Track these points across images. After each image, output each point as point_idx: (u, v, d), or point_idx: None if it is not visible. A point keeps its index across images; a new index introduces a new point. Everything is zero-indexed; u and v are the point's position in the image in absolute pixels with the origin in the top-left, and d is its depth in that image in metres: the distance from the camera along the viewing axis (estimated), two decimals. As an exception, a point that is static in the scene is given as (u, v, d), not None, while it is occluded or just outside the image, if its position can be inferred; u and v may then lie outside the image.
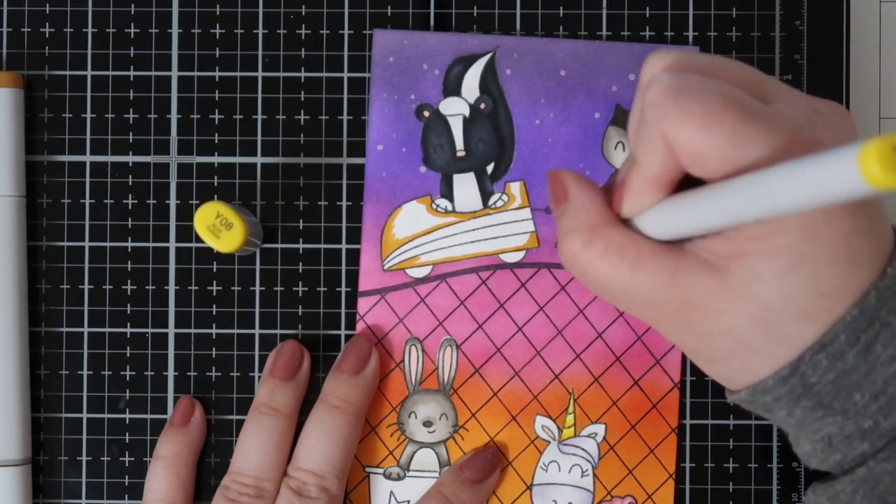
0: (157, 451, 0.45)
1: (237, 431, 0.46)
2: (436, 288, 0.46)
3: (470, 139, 0.46)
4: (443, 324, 0.46)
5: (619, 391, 0.46)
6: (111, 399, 0.46)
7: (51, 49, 0.47)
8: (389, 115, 0.46)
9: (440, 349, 0.46)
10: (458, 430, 0.46)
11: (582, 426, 0.46)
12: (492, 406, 0.46)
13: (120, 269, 0.47)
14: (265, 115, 0.47)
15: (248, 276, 0.47)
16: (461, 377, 0.46)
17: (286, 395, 0.44)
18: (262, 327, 0.47)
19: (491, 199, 0.46)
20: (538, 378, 0.46)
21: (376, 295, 0.46)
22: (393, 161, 0.46)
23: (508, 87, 0.46)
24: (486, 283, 0.46)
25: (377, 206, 0.46)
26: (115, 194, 0.47)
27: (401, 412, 0.46)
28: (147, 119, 0.47)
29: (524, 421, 0.46)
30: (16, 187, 0.45)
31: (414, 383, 0.46)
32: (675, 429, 0.46)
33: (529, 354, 0.46)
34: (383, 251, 0.46)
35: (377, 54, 0.46)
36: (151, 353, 0.46)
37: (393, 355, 0.46)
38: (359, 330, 0.46)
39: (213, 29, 0.47)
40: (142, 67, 0.47)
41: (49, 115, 0.47)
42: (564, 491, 0.46)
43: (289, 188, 0.47)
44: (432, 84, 0.46)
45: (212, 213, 0.41)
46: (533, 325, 0.46)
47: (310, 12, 0.47)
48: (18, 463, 0.45)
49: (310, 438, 0.43)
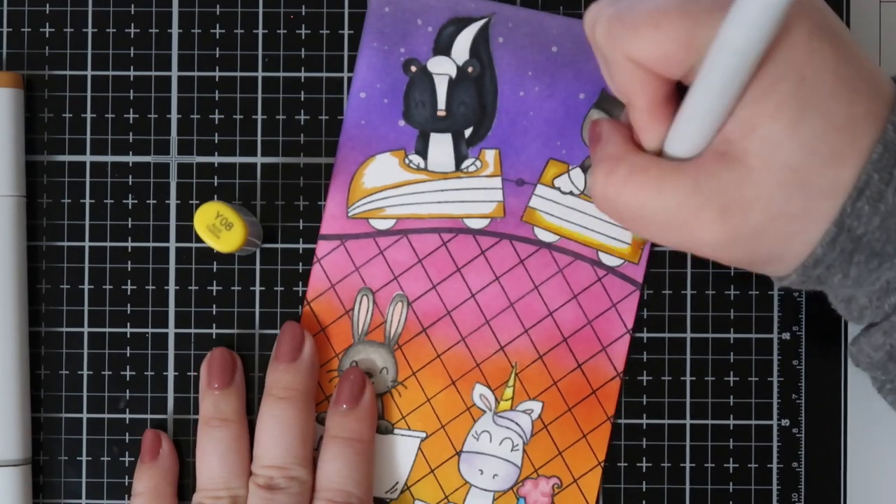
0: (134, 489, 0.45)
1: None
2: (396, 242, 0.46)
3: (453, 100, 0.46)
4: (398, 279, 0.46)
5: (562, 372, 0.46)
6: (111, 399, 0.46)
7: (51, 49, 0.47)
8: (376, 65, 0.46)
9: (391, 303, 0.46)
10: (397, 386, 0.46)
11: (519, 401, 0.46)
12: (433, 367, 0.46)
13: (120, 269, 0.47)
14: (265, 115, 0.47)
15: (248, 276, 0.47)
16: (408, 334, 0.46)
17: (229, 402, 0.44)
18: (262, 327, 0.47)
19: (464, 163, 0.46)
20: (483, 347, 0.46)
21: (336, 240, 0.46)
22: (373, 110, 0.46)
23: (498, 56, 0.46)
24: (446, 244, 0.46)
25: (351, 152, 0.46)
26: (115, 194, 0.47)
27: (343, 359, 0.46)
28: (147, 119, 0.47)
29: (463, 387, 0.46)
30: (16, 187, 0.45)
31: (360, 333, 0.46)
32: (610, 417, 0.46)
33: (478, 322, 0.46)
34: (350, 198, 0.46)
35: (373, 2, 0.46)
36: (151, 353, 0.46)
37: (344, 302, 0.46)
38: (313, 273, 0.46)
39: (213, 29, 0.47)
40: (142, 67, 0.47)
41: (49, 115, 0.47)
42: (492, 462, 0.46)
43: (289, 188, 0.47)
44: (423, 40, 0.46)
45: (212, 213, 0.41)
46: (486, 293, 0.46)
47: (310, 12, 0.47)
48: (18, 463, 0.45)
49: (265, 435, 0.43)
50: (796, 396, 0.46)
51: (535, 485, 0.46)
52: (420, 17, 0.46)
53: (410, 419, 0.46)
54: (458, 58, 0.46)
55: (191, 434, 0.46)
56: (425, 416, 0.46)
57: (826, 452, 0.46)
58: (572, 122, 0.46)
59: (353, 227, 0.46)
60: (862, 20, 0.47)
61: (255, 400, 0.46)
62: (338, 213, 0.46)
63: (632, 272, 0.46)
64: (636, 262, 0.46)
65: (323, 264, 0.46)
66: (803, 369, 0.46)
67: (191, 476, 0.46)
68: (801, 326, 0.46)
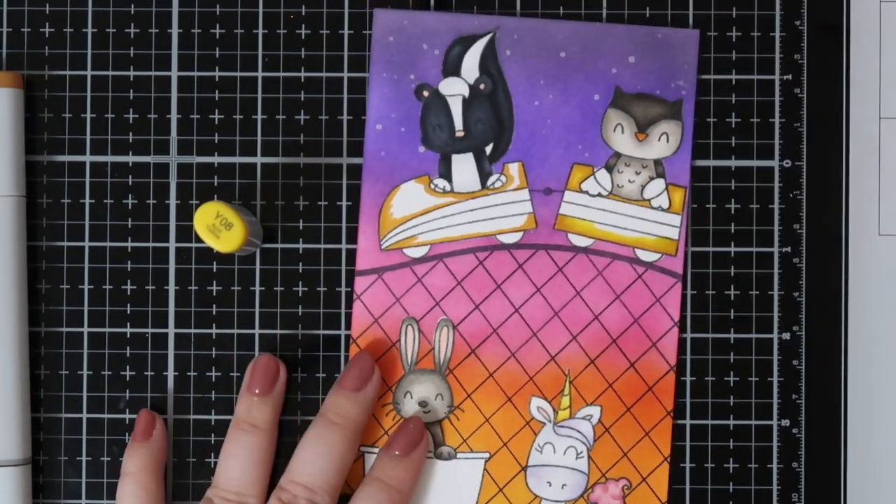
0: (124, 468, 0.45)
1: (237, 431, 0.46)
2: (433, 268, 0.46)
3: (469, 119, 0.46)
4: (439, 304, 0.46)
5: (615, 373, 0.46)
6: (111, 399, 0.46)
7: (51, 49, 0.47)
8: (389, 95, 0.46)
9: (437, 329, 0.46)
10: (454, 411, 0.46)
11: (577, 408, 0.46)
12: (487, 387, 0.46)
13: (120, 269, 0.47)
14: (265, 115, 0.47)
15: (248, 276, 0.47)
16: (457, 357, 0.46)
17: (263, 411, 0.44)
18: (262, 327, 0.47)
19: (489, 180, 0.46)
20: (534, 359, 0.46)
21: (373, 274, 0.46)
22: (392, 140, 0.46)
23: (508, 68, 0.46)
24: (483, 263, 0.46)
25: (375, 185, 0.46)
26: (115, 194, 0.47)
27: (396, 392, 0.46)
28: (147, 119, 0.47)
29: (520, 402, 0.46)
30: (16, 187, 0.45)
31: (410, 363, 0.46)
32: (670, 412, 0.46)
33: (526, 335, 0.46)
34: (381, 230, 0.46)
35: (377, 33, 0.46)
36: (151, 353, 0.46)
37: (389, 335, 0.46)
38: (355, 310, 0.46)
39: (213, 29, 0.47)
40: (142, 67, 0.47)
41: (49, 115, 0.47)
42: (559, 472, 0.46)
43: (289, 188, 0.47)
44: (432, 64, 0.46)
45: (212, 213, 0.41)
46: (530, 306, 0.46)
47: (310, 12, 0.47)
48: (18, 463, 0.45)
49: (306, 452, 0.43)
50: (796, 396, 0.46)
51: (604, 489, 0.46)
52: (425, 41, 0.46)
53: (472, 441, 0.46)
54: (468, 76, 0.46)
55: (190, 434, 0.46)
56: (486, 437, 0.46)
57: (826, 452, 0.46)
58: (591, 125, 0.46)
59: (387, 259, 0.46)
60: (862, 20, 0.47)
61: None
62: (371, 247, 0.46)
63: (671, 265, 0.46)
64: (674, 254, 0.46)
65: (363, 300, 0.46)
66: (803, 369, 0.46)
67: (192, 476, 0.46)
68: (801, 326, 0.46)
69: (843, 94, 0.47)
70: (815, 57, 0.47)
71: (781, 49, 0.47)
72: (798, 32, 0.47)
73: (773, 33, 0.47)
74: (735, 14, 0.47)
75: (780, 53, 0.47)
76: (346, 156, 0.47)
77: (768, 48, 0.47)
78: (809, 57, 0.47)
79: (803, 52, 0.47)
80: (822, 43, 0.47)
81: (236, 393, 0.46)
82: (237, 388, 0.46)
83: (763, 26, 0.47)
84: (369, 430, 0.46)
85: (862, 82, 0.47)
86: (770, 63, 0.47)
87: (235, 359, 0.47)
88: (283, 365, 0.45)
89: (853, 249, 0.47)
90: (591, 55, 0.46)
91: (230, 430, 0.44)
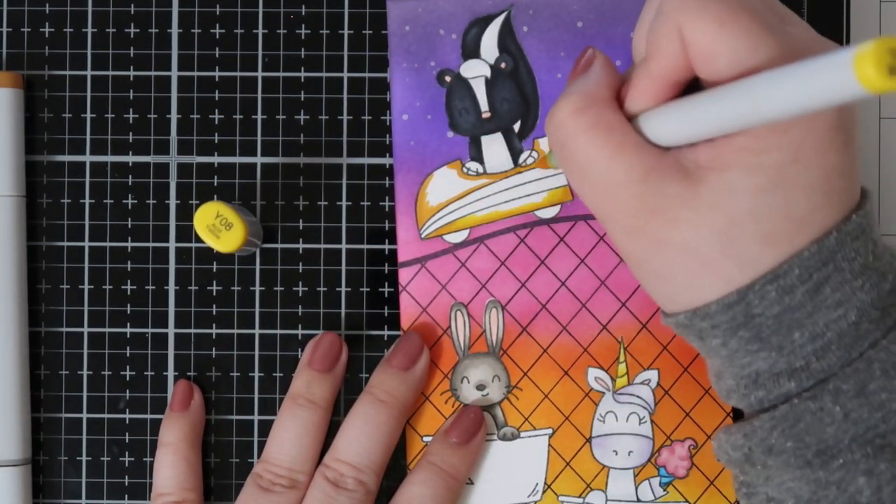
0: (162, 438, 0.45)
1: (237, 432, 0.46)
2: (475, 251, 0.46)
3: (494, 99, 0.46)
4: (486, 286, 0.46)
5: (668, 335, 0.46)
6: (111, 399, 0.46)
7: (51, 49, 0.47)
8: (411, 84, 0.46)
9: (486, 311, 0.46)
10: (512, 391, 0.46)
11: (635, 374, 0.46)
12: (543, 363, 0.46)
13: (120, 269, 0.47)
14: (265, 115, 0.47)
15: (248, 276, 0.47)
16: (509, 337, 0.46)
17: (323, 387, 0.44)
18: (262, 327, 0.47)
19: (521, 157, 0.46)
20: (586, 330, 0.46)
21: (416, 264, 0.46)
22: (419, 129, 0.46)
23: (527, 44, 0.46)
24: (524, 241, 0.46)
25: (408, 175, 0.46)
26: (115, 194, 0.47)
27: (453, 378, 0.46)
28: (147, 119, 0.47)
29: (576, 374, 0.46)
30: (16, 187, 0.45)
31: (463, 348, 0.46)
32: None
33: (575, 308, 0.46)
34: (419, 220, 0.46)
35: (392, 24, 0.46)
36: (151, 353, 0.46)
37: (439, 322, 0.46)
38: (402, 301, 0.46)
39: (213, 29, 0.47)
40: (142, 67, 0.47)
41: (49, 115, 0.47)
42: (624, 440, 0.46)
43: (289, 188, 0.47)
44: (451, 48, 0.46)
45: (212, 213, 0.41)
46: (575, 278, 0.46)
47: (310, 12, 0.47)
48: (18, 463, 0.45)
49: (352, 430, 0.43)
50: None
51: (671, 451, 0.46)
52: (441, 27, 0.46)
53: (533, 419, 0.46)
54: (488, 57, 0.46)
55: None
56: (547, 413, 0.46)
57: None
58: None
59: (429, 248, 0.46)
60: (862, 20, 0.47)
61: (254, 401, 0.46)
62: (411, 238, 0.46)
63: None
64: None
65: (409, 291, 0.46)
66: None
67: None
68: (801, 326, 0.46)
69: (843, 94, 0.47)
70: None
71: (781, 49, 0.47)
72: (798, 32, 0.47)
73: (773, 33, 0.47)
74: (735, 14, 0.47)
75: (780, 53, 0.47)
76: (346, 156, 0.47)
77: (768, 48, 0.47)
78: (809, 57, 0.47)
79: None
80: (822, 43, 0.47)
81: (236, 393, 0.46)
82: (237, 389, 0.46)
83: (763, 26, 0.47)
84: (430, 420, 0.46)
85: (862, 82, 0.47)
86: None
87: (235, 359, 0.47)
88: (347, 347, 0.45)
89: (853, 249, 0.47)
90: (609, 22, 0.46)
91: (285, 405, 0.44)
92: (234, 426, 0.46)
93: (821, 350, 0.34)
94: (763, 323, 0.34)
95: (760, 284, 0.33)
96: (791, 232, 0.33)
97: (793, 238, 0.33)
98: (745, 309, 0.34)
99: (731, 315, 0.34)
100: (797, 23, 0.34)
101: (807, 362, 0.34)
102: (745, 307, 0.34)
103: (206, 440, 0.46)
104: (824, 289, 0.33)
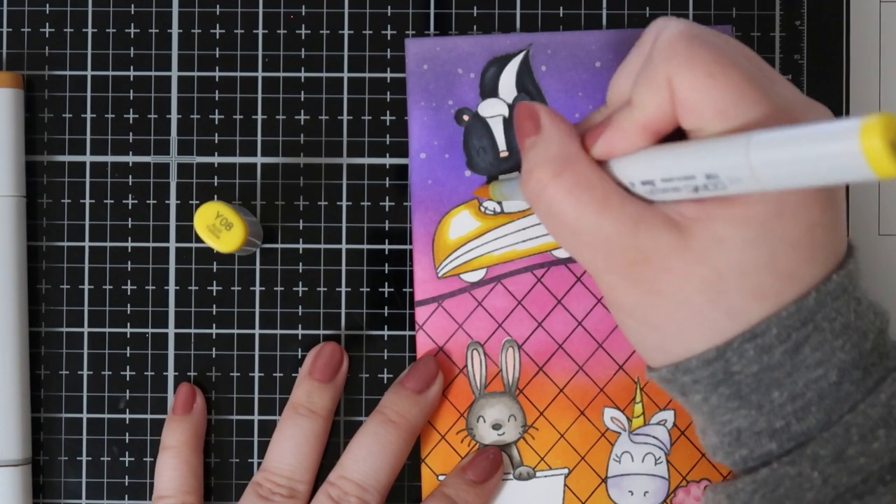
0: (164, 441, 0.45)
1: (237, 432, 0.46)
2: (492, 290, 0.46)
3: (512, 139, 0.46)
4: (502, 325, 0.46)
5: None
6: (111, 399, 0.46)
7: (51, 49, 0.47)
8: (429, 123, 0.46)
9: (502, 351, 0.46)
10: (528, 430, 0.46)
11: (651, 414, 0.46)
12: (559, 402, 0.46)
13: (120, 269, 0.47)
14: (265, 115, 0.47)
15: (248, 276, 0.47)
16: (525, 377, 0.46)
17: (324, 397, 0.44)
18: (262, 327, 0.47)
19: None
20: (603, 370, 0.46)
21: (433, 303, 0.46)
22: (437, 168, 0.46)
23: (545, 84, 0.46)
24: (541, 280, 0.46)
25: (426, 214, 0.46)
26: (115, 194, 0.47)
27: (469, 417, 0.46)
28: (147, 119, 0.47)
29: (593, 414, 0.46)
30: (16, 187, 0.45)
31: (479, 387, 0.46)
32: None
33: (592, 347, 0.46)
34: (436, 259, 0.46)
35: (411, 63, 0.46)
36: (151, 353, 0.46)
37: (456, 361, 0.46)
38: (419, 340, 0.46)
39: (213, 29, 0.47)
40: (142, 67, 0.47)
41: (49, 115, 0.47)
42: (640, 480, 0.46)
43: (289, 188, 0.47)
44: (469, 88, 0.46)
45: (212, 213, 0.41)
46: (592, 317, 0.46)
47: (310, 12, 0.47)
48: (18, 463, 0.45)
49: (360, 448, 0.43)
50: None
51: (686, 492, 0.46)
52: (459, 66, 0.46)
53: (549, 458, 0.46)
54: (506, 96, 0.46)
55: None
56: (563, 452, 0.46)
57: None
58: None
59: (446, 287, 0.46)
60: (862, 20, 0.47)
61: (254, 401, 0.46)
62: (427, 277, 0.46)
63: None
64: None
65: (426, 330, 0.46)
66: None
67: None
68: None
69: (844, 95, 0.47)
70: (815, 57, 0.47)
71: (781, 49, 0.47)
72: (798, 32, 0.47)
73: (773, 33, 0.47)
74: (735, 14, 0.47)
75: (780, 53, 0.47)
76: (346, 156, 0.47)
77: (768, 48, 0.47)
78: (809, 57, 0.47)
79: (803, 52, 0.47)
80: (822, 43, 0.47)
81: (236, 393, 0.46)
82: (237, 389, 0.46)
83: (763, 26, 0.47)
84: (446, 459, 0.46)
85: (862, 82, 0.47)
86: (770, 63, 0.47)
87: (235, 359, 0.47)
88: (348, 356, 0.45)
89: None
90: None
91: (285, 414, 0.44)
92: (234, 426, 0.46)
93: (801, 411, 0.34)
94: (742, 381, 0.34)
95: (738, 342, 0.33)
96: (778, 287, 0.33)
97: (780, 293, 0.33)
98: (725, 366, 0.34)
99: (712, 371, 0.34)
100: (784, 83, 0.34)
101: (787, 423, 0.34)
102: (725, 364, 0.34)
103: (206, 440, 0.46)
104: (804, 348, 0.33)
